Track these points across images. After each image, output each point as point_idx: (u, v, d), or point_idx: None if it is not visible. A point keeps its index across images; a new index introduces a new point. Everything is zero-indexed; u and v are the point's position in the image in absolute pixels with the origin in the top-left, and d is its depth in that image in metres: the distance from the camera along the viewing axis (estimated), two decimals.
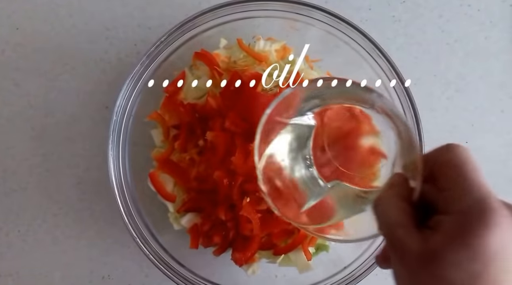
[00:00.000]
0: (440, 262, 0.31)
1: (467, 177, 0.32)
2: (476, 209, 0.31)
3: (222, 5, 0.59)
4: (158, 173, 0.61)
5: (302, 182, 0.45)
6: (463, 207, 0.32)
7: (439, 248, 0.31)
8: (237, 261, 0.59)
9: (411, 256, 0.33)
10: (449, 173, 0.33)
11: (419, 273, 0.33)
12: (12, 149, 0.67)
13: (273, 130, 0.43)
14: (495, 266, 0.30)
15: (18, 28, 0.68)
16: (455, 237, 0.31)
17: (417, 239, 0.33)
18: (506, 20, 0.70)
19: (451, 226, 0.32)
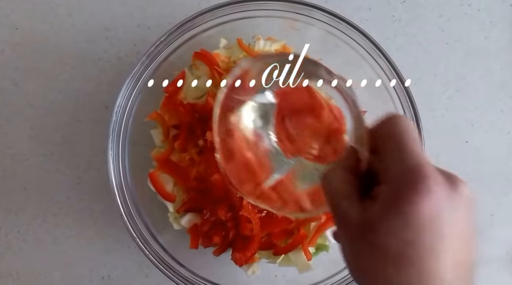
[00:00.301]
0: (376, 231, 0.31)
1: (403, 146, 0.32)
2: (409, 177, 0.31)
3: (222, 5, 0.59)
4: (158, 173, 0.61)
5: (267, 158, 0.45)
6: (397, 175, 0.32)
7: (376, 217, 0.32)
8: (237, 261, 0.59)
9: (351, 226, 0.33)
10: (387, 143, 0.34)
11: (358, 242, 0.33)
12: (11, 149, 0.67)
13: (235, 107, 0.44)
14: (428, 233, 0.30)
15: (17, 28, 0.68)
16: (389, 205, 0.31)
17: (358, 209, 0.33)
18: (506, 20, 0.70)
19: (386, 194, 0.32)
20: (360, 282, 0.35)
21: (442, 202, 0.30)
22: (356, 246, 0.34)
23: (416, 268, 0.31)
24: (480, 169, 0.69)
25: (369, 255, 0.32)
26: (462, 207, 0.31)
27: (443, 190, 0.31)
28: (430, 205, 0.30)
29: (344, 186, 0.35)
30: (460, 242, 0.31)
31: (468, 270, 0.32)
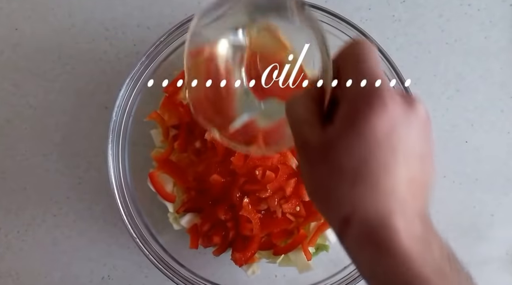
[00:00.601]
0: (334, 150, 0.32)
1: (360, 66, 0.32)
2: (365, 93, 0.31)
3: None
4: (158, 173, 0.61)
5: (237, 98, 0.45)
6: (354, 94, 0.32)
7: (334, 137, 0.32)
8: (237, 261, 0.59)
9: (311, 150, 0.34)
10: (346, 65, 0.33)
11: (317, 164, 0.33)
12: (11, 150, 0.67)
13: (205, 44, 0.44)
14: (383, 149, 0.30)
15: (17, 28, 0.68)
16: (345, 123, 0.31)
17: (318, 132, 0.33)
18: (506, 19, 0.70)
19: (343, 114, 0.32)
20: (317, 204, 0.35)
21: (397, 118, 0.30)
22: (315, 169, 0.34)
23: (369, 185, 0.31)
24: (480, 169, 0.69)
25: (326, 176, 0.33)
26: (418, 125, 0.32)
27: (398, 106, 0.31)
28: (385, 121, 0.30)
29: (306, 113, 0.35)
30: (415, 160, 0.32)
31: (423, 189, 0.33)
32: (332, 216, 0.34)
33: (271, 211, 0.58)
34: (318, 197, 0.35)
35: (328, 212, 0.34)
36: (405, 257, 0.30)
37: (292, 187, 0.57)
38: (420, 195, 0.32)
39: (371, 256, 0.31)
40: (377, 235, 0.31)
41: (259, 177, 0.56)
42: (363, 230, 0.31)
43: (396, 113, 0.31)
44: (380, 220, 0.31)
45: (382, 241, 0.31)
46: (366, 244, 0.32)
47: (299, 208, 0.59)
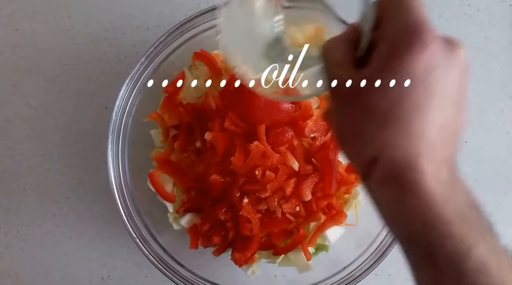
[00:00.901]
0: (363, 90, 0.31)
1: (402, 4, 0.31)
2: (405, 33, 0.30)
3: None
4: (158, 173, 0.61)
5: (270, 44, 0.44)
6: (393, 33, 0.31)
7: (367, 77, 0.31)
8: (237, 261, 0.59)
9: (341, 89, 0.33)
10: (388, 7, 0.32)
11: (348, 104, 0.33)
12: (11, 150, 0.67)
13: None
14: (418, 90, 0.30)
15: (17, 29, 0.68)
16: (383, 63, 0.31)
17: (351, 74, 0.32)
18: (505, 20, 0.70)
19: (380, 54, 0.31)
20: (344, 146, 0.35)
21: (437, 60, 0.30)
22: (345, 109, 0.33)
23: (400, 126, 0.30)
24: (480, 169, 0.69)
25: (356, 116, 0.32)
26: (457, 69, 0.31)
27: (440, 48, 0.30)
28: (424, 61, 0.29)
29: (340, 54, 0.34)
30: (449, 105, 0.31)
31: (453, 136, 0.32)
32: (359, 157, 0.33)
33: (271, 211, 0.58)
34: (346, 138, 0.34)
35: (354, 153, 0.34)
36: (428, 198, 0.30)
37: (291, 187, 0.57)
38: (450, 142, 0.32)
39: (395, 197, 0.31)
40: (402, 176, 0.30)
41: (259, 177, 0.56)
42: (389, 171, 0.31)
43: (437, 54, 0.30)
44: (407, 162, 0.30)
45: (407, 182, 0.30)
46: (391, 184, 0.31)
47: (298, 208, 0.59)
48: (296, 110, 0.58)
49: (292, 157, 0.58)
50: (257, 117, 0.57)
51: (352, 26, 0.35)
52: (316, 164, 0.58)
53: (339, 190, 0.61)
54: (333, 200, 0.60)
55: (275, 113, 0.57)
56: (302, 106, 0.58)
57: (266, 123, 0.57)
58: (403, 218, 0.31)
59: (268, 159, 0.56)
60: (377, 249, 0.60)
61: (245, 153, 0.56)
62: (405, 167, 0.30)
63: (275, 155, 0.56)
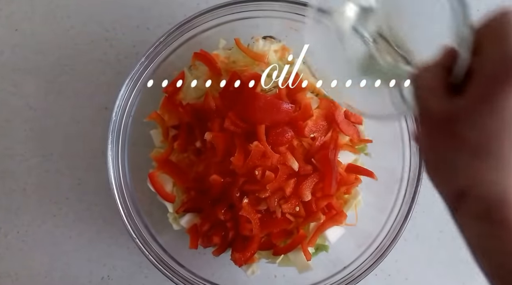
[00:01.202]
0: (458, 121, 0.31)
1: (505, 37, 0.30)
2: (505, 69, 0.29)
3: (221, 6, 0.59)
4: (158, 173, 0.61)
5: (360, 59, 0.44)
6: (493, 68, 0.30)
7: (462, 108, 0.31)
8: (237, 261, 0.59)
9: (436, 119, 0.33)
10: (490, 37, 0.32)
11: (439, 134, 0.33)
12: (11, 150, 0.67)
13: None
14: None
15: (17, 29, 0.68)
16: (479, 96, 0.30)
17: (443, 102, 0.32)
18: None
19: (477, 85, 0.31)
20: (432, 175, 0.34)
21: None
22: (436, 139, 0.33)
23: (497, 161, 0.30)
24: None
25: (447, 146, 0.32)
26: None
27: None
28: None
29: (435, 81, 0.33)
30: None
31: None
32: (447, 187, 0.33)
33: (271, 211, 0.58)
34: (435, 166, 0.34)
35: (443, 182, 0.33)
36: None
37: (291, 187, 0.57)
38: None
39: (487, 232, 0.31)
40: (497, 212, 0.30)
41: (259, 177, 0.56)
42: (481, 206, 0.31)
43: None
44: (502, 198, 0.30)
45: (503, 218, 0.30)
46: (483, 220, 0.31)
47: (298, 208, 0.59)
48: (296, 110, 0.58)
49: (292, 157, 0.58)
50: (257, 117, 0.57)
51: (447, 50, 0.34)
52: (316, 164, 0.58)
53: (339, 190, 0.61)
54: (333, 200, 0.60)
55: (275, 113, 0.57)
56: (302, 106, 0.58)
57: (266, 123, 0.57)
58: (492, 252, 0.31)
59: (268, 159, 0.56)
60: (377, 249, 0.60)
61: (245, 153, 0.56)
62: (499, 203, 0.30)
63: (275, 155, 0.56)
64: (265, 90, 0.59)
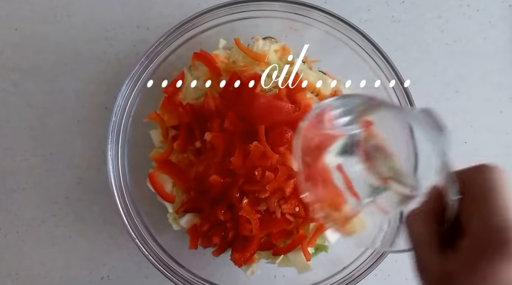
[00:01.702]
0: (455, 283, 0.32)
1: (489, 201, 0.31)
2: (493, 238, 0.30)
3: (221, 6, 0.59)
4: (157, 173, 0.61)
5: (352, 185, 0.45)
6: (480, 233, 0.31)
7: (455, 271, 0.32)
8: (237, 262, 0.59)
9: (430, 275, 0.34)
10: (474, 194, 0.33)
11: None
12: (11, 150, 0.67)
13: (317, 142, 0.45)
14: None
15: (17, 29, 0.68)
16: (470, 263, 0.31)
17: (438, 260, 0.33)
18: (505, 20, 0.71)
19: (468, 251, 0.32)
20: None
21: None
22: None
23: None
24: None
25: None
26: None
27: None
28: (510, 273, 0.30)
29: (427, 233, 0.34)
30: None
31: None
32: None
33: (271, 212, 0.58)
34: None
35: None
36: None
37: (291, 188, 0.57)
38: None
39: None
40: None
41: (259, 177, 0.56)
42: None
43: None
44: None
45: None
46: None
47: (298, 209, 0.59)
48: (296, 110, 0.58)
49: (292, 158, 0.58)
50: (256, 118, 0.57)
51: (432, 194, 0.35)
52: None
53: None
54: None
55: (274, 113, 0.57)
56: (302, 106, 0.58)
57: (266, 124, 0.57)
58: None
59: (268, 160, 0.56)
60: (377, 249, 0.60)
61: (244, 154, 0.56)
62: None
63: (275, 156, 0.56)
64: (265, 90, 0.59)
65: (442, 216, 0.35)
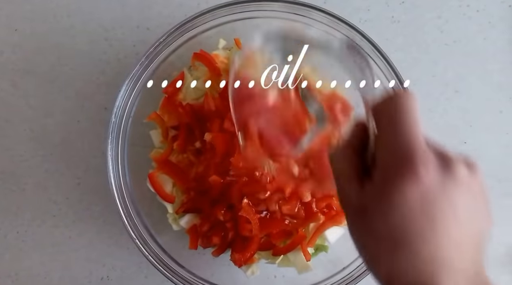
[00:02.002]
0: (369, 214, 0.32)
1: (396, 127, 0.31)
2: (397, 162, 0.31)
3: (221, 6, 0.59)
4: (157, 173, 0.61)
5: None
6: (387, 159, 0.32)
7: (368, 201, 0.32)
8: (236, 262, 0.59)
9: (351, 207, 0.34)
10: (382, 124, 0.33)
11: (356, 222, 0.34)
12: (11, 150, 0.67)
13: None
14: (417, 218, 0.30)
15: (16, 29, 0.68)
16: (379, 190, 0.31)
17: (357, 190, 0.33)
18: (505, 21, 0.71)
19: (377, 179, 0.32)
20: (362, 257, 0.36)
21: (430, 187, 0.30)
22: (356, 225, 0.34)
23: (407, 253, 0.31)
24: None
25: (365, 235, 0.33)
26: (457, 189, 0.31)
27: (432, 174, 0.30)
28: (417, 191, 0.30)
29: (347, 166, 0.35)
30: (458, 223, 0.31)
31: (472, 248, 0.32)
32: (376, 276, 0.34)
33: (271, 212, 0.58)
34: (362, 252, 0.35)
35: (371, 269, 0.34)
36: None
37: (291, 188, 0.57)
38: (469, 255, 0.32)
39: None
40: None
41: (258, 177, 0.56)
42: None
43: (429, 181, 0.30)
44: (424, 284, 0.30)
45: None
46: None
47: (297, 209, 0.59)
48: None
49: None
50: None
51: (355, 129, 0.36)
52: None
53: None
54: (333, 201, 0.60)
55: None
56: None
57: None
58: None
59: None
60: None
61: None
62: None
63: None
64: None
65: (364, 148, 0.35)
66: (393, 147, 0.31)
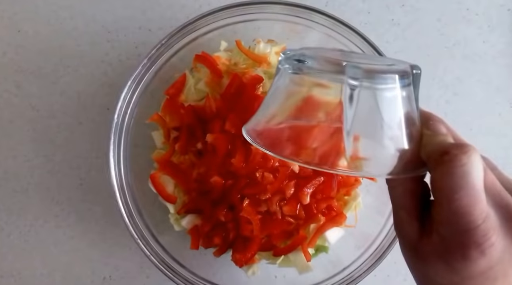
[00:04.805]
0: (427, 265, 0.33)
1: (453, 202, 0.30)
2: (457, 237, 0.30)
3: (223, 8, 0.59)
4: (159, 174, 0.62)
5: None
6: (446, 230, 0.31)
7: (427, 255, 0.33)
8: (237, 262, 0.60)
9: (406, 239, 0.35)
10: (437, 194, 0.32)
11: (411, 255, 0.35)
12: (13, 151, 0.68)
13: None
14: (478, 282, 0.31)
15: (19, 30, 0.68)
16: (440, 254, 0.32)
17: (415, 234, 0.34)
18: (504, 24, 0.71)
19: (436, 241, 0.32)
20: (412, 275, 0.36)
21: (497, 260, 0.30)
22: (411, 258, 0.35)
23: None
24: None
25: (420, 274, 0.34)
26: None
27: (499, 248, 0.30)
28: (482, 265, 0.30)
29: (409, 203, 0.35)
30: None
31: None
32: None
33: (271, 212, 0.59)
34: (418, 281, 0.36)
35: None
36: None
37: (292, 189, 0.58)
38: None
39: None
40: None
41: (259, 178, 0.57)
42: None
43: (496, 255, 0.30)
44: None
45: None
46: None
47: (298, 211, 0.59)
48: None
49: None
50: None
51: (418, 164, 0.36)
52: None
53: (339, 192, 0.62)
54: (333, 202, 0.61)
55: None
56: None
57: None
58: None
59: (269, 161, 0.57)
60: (376, 250, 0.60)
61: (245, 155, 0.57)
62: None
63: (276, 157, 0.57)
64: (266, 92, 0.59)
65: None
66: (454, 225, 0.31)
